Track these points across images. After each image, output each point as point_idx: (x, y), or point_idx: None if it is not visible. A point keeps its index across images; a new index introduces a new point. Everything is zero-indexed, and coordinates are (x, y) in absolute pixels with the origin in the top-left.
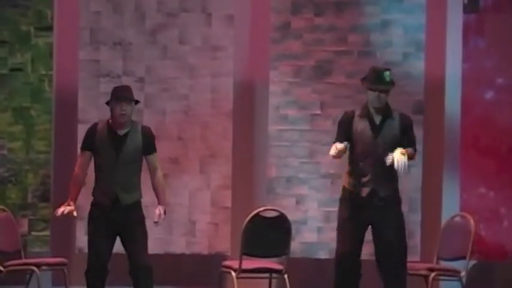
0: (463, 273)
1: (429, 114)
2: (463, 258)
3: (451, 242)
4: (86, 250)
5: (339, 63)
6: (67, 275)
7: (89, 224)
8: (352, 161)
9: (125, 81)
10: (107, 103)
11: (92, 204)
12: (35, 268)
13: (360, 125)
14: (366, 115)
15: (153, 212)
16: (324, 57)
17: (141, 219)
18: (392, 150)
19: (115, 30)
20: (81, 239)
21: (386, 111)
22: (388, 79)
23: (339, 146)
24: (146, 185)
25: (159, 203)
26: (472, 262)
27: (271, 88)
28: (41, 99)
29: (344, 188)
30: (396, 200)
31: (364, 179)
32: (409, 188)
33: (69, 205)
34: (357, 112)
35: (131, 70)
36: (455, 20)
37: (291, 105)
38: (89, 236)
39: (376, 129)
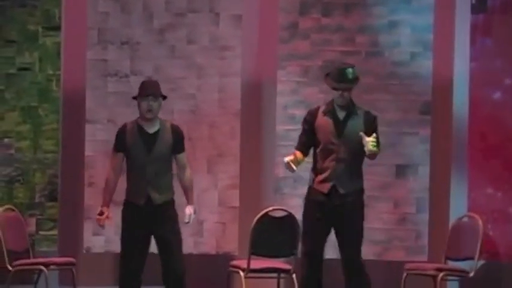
0: (471, 274)
1: (437, 114)
2: (471, 258)
3: (459, 243)
4: (94, 250)
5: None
6: (75, 274)
7: (122, 224)
8: (316, 158)
9: (133, 80)
10: (134, 98)
11: (125, 204)
12: (43, 268)
13: (323, 122)
14: (330, 112)
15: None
16: (331, 57)
17: (174, 218)
18: (355, 147)
19: (123, 30)
20: (89, 239)
21: (350, 108)
22: (351, 76)
23: (287, 159)
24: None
25: (188, 203)
26: (481, 262)
27: (278, 88)
28: (48, 98)
29: (309, 186)
30: (357, 200)
31: (326, 175)
32: (417, 188)
33: (102, 212)
34: (322, 108)
35: (139, 70)
36: (463, 20)
37: (299, 104)
38: (122, 237)
39: (339, 125)
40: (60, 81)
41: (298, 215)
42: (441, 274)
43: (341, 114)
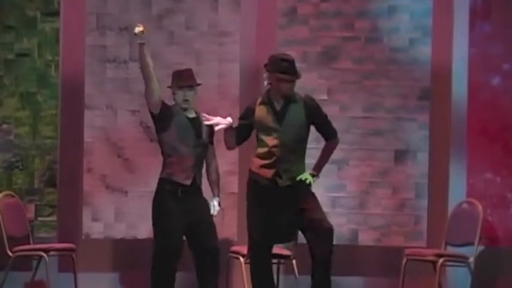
0: (471, 259)
1: (436, 100)
2: (471, 244)
3: (458, 228)
4: (93, 236)
5: (346, 49)
6: (75, 260)
7: (158, 206)
8: (259, 146)
9: (132, 66)
10: (169, 87)
11: (165, 185)
12: (43, 254)
13: (262, 113)
14: (267, 102)
15: None
16: (330, 43)
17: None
18: (297, 134)
19: (121, 16)
20: (88, 225)
21: (289, 96)
22: (297, 68)
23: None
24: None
25: (214, 195)
26: (480, 248)
27: None
28: (47, 84)
29: (250, 171)
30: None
31: (269, 161)
32: (416, 173)
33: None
34: (259, 100)
35: (138, 56)
36: (462, 5)
37: (298, 90)
38: (160, 220)
39: (278, 115)
40: (58, 67)
41: None
42: (441, 260)
43: (279, 104)
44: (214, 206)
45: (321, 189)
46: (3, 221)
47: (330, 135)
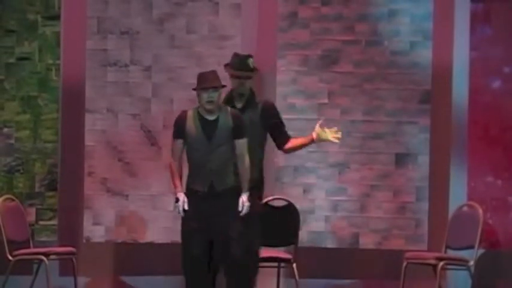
0: (471, 262)
1: (436, 103)
2: (472, 247)
3: (459, 232)
4: (93, 240)
5: (346, 53)
6: (75, 264)
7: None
8: None
9: (132, 70)
10: (194, 89)
11: (186, 193)
12: (43, 257)
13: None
14: (228, 101)
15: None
16: (331, 46)
17: (236, 207)
18: (256, 140)
19: (122, 19)
20: (89, 229)
21: (249, 98)
22: (251, 66)
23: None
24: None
25: (242, 191)
26: (481, 251)
27: (278, 77)
28: (48, 88)
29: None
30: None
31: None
32: (417, 177)
33: (178, 199)
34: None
35: (138, 59)
36: (462, 9)
37: (299, 94)
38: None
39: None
40: (59, 70)
41: (299, 205)
42: (441, 263)
43: (238, 104)
44: (243, 202)
45: (323, 192)
46: (3, 225)
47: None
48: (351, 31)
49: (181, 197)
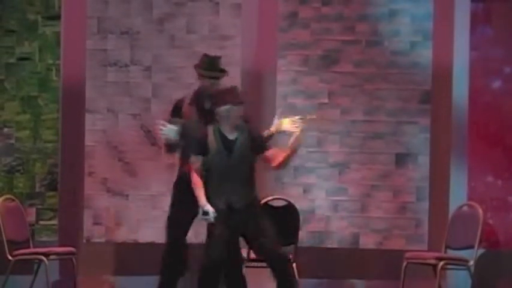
0: (471, 262)
1: (437, 103)
2: (471, 247)
3: (459, 231)
4: (94, 240)
5: (347, 53)
6: (76, 264)
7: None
8: None
9: (132, 70)
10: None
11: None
12: (43, 257)
13: (191, 112)
14: (198, 101)
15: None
16: (331, 46)
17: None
18: None
19: (122, 19)
20: (89, 229)
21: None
22: (221, 66)
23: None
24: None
25: None
26: (480, 251)
27: (278, 77)
28: (48, 88)
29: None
30: None
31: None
32: (417, 177)
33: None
34: (187, 101)
35: (139, 59)
36: (462, 9)
37: (299, 94)
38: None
39: (207, 115)
40: (59, 70)
41: (299, 205)
42: (441, 263)
43: (208, 104)
44: None
45: (323, 192)
46: (3, 225)
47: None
48: (351, 31)
49: (211, 209)
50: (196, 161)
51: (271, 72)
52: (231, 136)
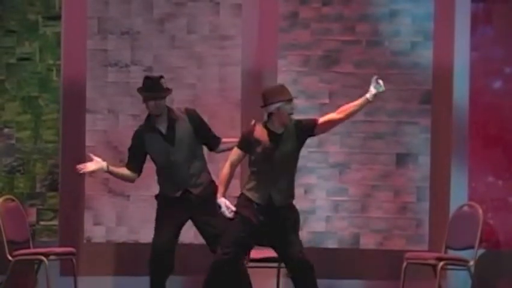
0: (471, 263)
1: (437, 104)
2: (472, 247)
3: (459, 232)
4: (94, 240)
5: (347, 53)
6: (75, 264)
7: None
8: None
9: (133, 70)
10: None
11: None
12: (43, 258)
13: (152, 140)
14: (151, 126)
15: None
16: (332, 46)
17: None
18: (190, 150)
19: (123, 20)
20: (90, 229)
21: (169, 116)
22: (164, 86)
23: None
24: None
25: None
26: (481, 251)
27: (279, 77)
28: (49, 88)
29: None
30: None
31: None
32: (417, 177)
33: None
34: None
35: (139, 59)
36: (463, 9)
37: (299, 94)
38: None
39: (168, 138)
40: (60, 71)
41: (299, 205)
42: (441, 263)
43: (163, 124)
44: None
45: (323, 193)
46: (3, 226)
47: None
48: (351, 31)
49: (223, 202)
50: (234, 154)
51: (272, 73)
52: (279, 131)
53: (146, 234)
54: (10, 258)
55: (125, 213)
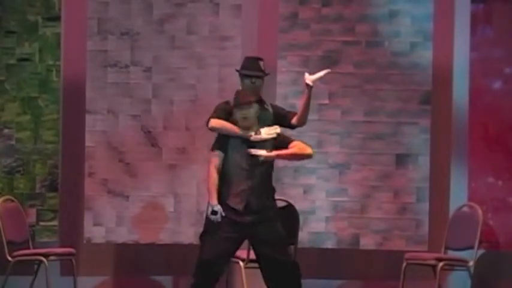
0: (471, 263)
1: (437, 104)
2: (471, 248)
3: (459, 232)
4: (94, 240)
5: (347, 53)
6: (75, 265)
7: None
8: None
9: (133, 71)
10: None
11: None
12: (43, 258)
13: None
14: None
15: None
16: (331, 47)
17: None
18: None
19: (123, 20)
20: (89, 230)
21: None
22: (262, 67)
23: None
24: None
25: None
26: (480, 252)
27: (279, 78)
28: (48, 89)
29: None
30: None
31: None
32: (417, 177)
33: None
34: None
35: (139, 60)
36: (463, 10)
37: (299, 95)
38: None
39: None
40: (60, 71)
41: (299, 205)
42: (441, 264)
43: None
44: None
45: (323, 193)
46: (3, 226)
47: None
48: (351, 32)
49: (220, 209)
50: (215, 157)
51: (272, 73)
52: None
53: (146, 235)
54: (10, 258)
55: (124, 214)
